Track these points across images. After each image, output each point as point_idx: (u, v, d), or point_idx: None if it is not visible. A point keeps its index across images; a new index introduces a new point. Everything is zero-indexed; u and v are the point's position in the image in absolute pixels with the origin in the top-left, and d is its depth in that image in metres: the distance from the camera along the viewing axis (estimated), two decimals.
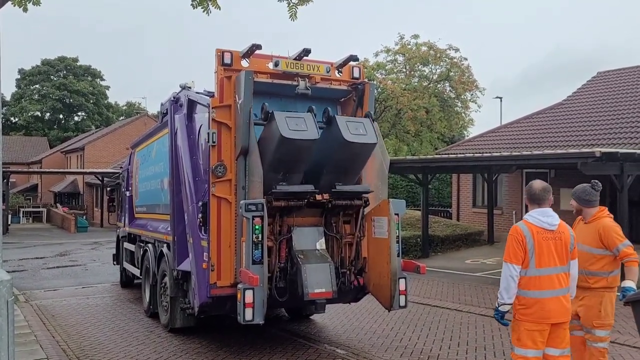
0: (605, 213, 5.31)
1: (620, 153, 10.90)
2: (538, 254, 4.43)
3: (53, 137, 63.44)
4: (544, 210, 4.57)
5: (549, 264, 4.45)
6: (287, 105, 7.62)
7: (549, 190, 4.63)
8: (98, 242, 25.50)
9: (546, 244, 4.46)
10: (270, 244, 6.58)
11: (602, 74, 22.60)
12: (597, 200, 5.33)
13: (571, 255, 4.59)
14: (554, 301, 4.41)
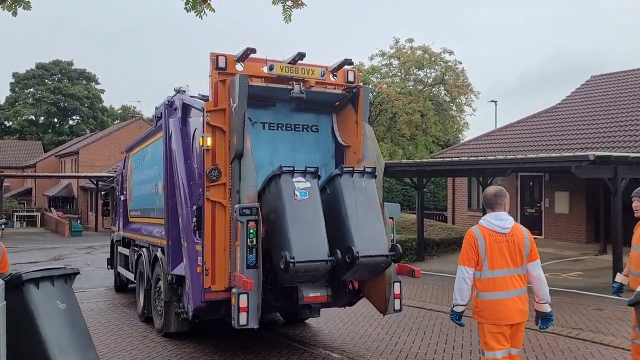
0: None
1: (614, 156, 10.94)
2: (490, 256, 4.54)
3: (47, 141, 63.21)
4: (497, 214, 4.67)
5: (502, 266, 4.55)
6: (281, 109, 7.64)
7: (501, 194, 4.73)
8: (92, 246, 25.40)
9: (498, 246, 4.57)
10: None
11: (596, 78, 22.73)
12: None
13: (528, 258, 4.63)
14: (509, 302, 4.51)
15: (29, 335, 5.25)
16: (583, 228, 17.74)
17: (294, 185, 6.33)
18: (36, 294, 5.34)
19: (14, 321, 5.31)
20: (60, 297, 5.55)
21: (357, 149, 7.47)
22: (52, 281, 5.51)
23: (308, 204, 6.32)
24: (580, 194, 17.74)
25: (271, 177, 6.48)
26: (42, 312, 5.31)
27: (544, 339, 7.84)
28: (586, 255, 15.79)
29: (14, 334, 5.27)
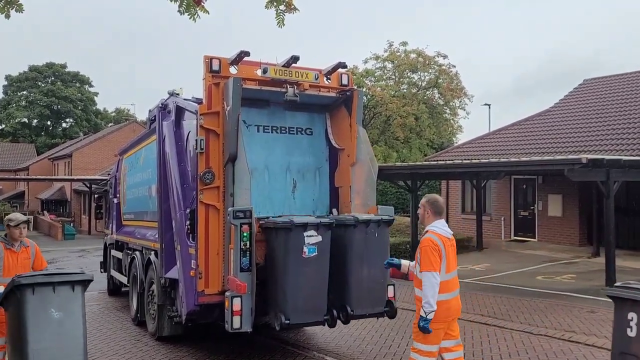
0: None
1: (606, 160, 11.00)
2: (447, 260, 4.95)
3: (41, 143, 62.94)
4: (443, 222, 5.19)
5: (453, 268, 5.03)
6: (275, 112, 7.64)
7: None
8: (85, 249, 25.29)
9: (450, 250, 5.02)
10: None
11: (589, 82, 22.86)
12: None
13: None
14: (457, 300, 5.05)
15: (18, 342, 5.19)
16: (576, 231, 17.81)
17: (304, 240, 5.95)
18: (30, 300, 5.18)
19: (10, 326, 5.33)
20: (59, 304, 5.31)
21: (351, 152, 7.49)
22: (53, 287, 5.31)
23: (315, 261, 6.00)
24: (573, 196, 17.82)
25: (281, 227, 6.04)
26: (32, 319, 5.15)
27: (537, 342, 7.87)
28: (579, 257, 15.86)
29: (11, 340, 5.30)
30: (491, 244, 18.82)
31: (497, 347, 7.68)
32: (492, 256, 16.48)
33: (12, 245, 5.98)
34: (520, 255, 16.57)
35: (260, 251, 6.40)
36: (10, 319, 5.38)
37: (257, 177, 7.26)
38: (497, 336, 8.27)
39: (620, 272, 11.48)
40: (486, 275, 13.60)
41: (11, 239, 6.01)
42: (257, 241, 6.32)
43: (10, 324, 5.39)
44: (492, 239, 19.60)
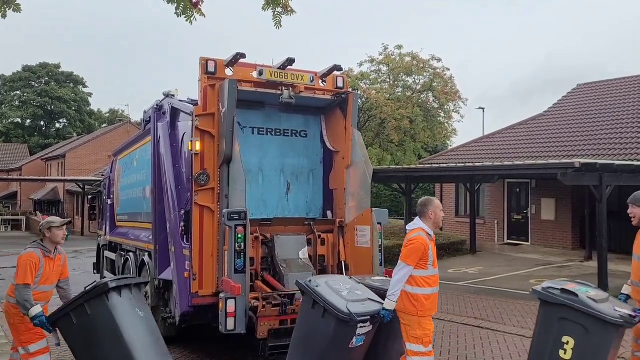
0: None
1: (599, 164, 11.06)
2: (433, 256, 5.13)
3: (34, 144, 62.61)
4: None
5: (437, 265, 5.19)
6: (270, 114, 7.66)
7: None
8: (78, 250, 25.14)
9: (434, 247, 5.20)
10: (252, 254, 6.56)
11: (582, 86, 23.01)
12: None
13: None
14: (437, 296, 5.21)
15: (115, 344, 5.12)
16: (569, 234, 17.91)
17: (356, 332, 5.14)
18: (119, 302, 5.26)
19: (98, 330, 5.18)
20: (138, 304, 5.52)
21: (345, 155, 7.51)
22: (131, 289, 5.47)
23: (358, 350, 5.31)
24: (566, 200, 17.91)
25: (338, 319, 5.05)
26: (126, 320, 5.23)
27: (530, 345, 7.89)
28: (572, 261, 15.93)
29: (99, 344, 5.15)
30: (485, 247, 18.89)
31: (490, 351, 7.71)
32: (486, 259, 16.52)
33: (49, 251, 5.62)
34: (514, 258, 16.63)
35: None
36: (89, 322, 5.18)
37: (251, 179, 7.27)
38: (490, 339, 8.29)
39: (612, 276, 11.54)
40: (479, 278, 13.64)
41: (52, 243, 5.64)
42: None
43: (88, 327, 5.19)
44: (486, 242, 19.67)
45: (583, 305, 4.68)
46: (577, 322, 4.72)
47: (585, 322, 4.67)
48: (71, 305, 5.32)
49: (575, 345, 4.72)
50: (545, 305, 4.98)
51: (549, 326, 4.91)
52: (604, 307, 4.68)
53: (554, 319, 4.87)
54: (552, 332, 4.86)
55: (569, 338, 4.75)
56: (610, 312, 4.63)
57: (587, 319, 4.66)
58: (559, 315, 4.83)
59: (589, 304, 4.67)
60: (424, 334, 5.00)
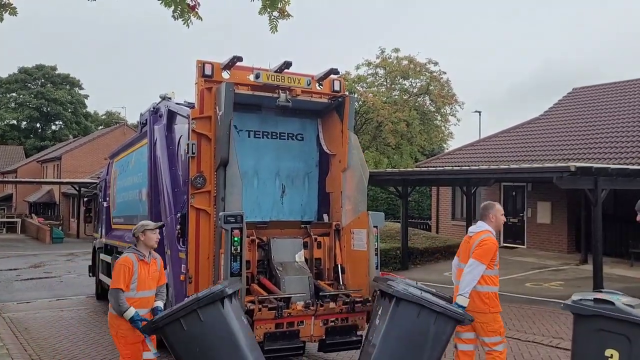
0: None
1: (594, 168, 11.10)
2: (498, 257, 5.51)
3: (29, 146, 62.44)
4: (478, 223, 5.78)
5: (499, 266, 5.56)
6: (267, 117, 7.67)
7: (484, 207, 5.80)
8: (74, 253, 25.07)
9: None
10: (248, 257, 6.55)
11: (578, 90, 23.11)
12: None
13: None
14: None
15: (232, 352, 5.01)
16: (564, 238, 17.96)
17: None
18: (231, 309, 5.19)
19: (212, 337, 4.97)
20: (240, 311, 5.56)
21: (342, 158, 7.51)
22: (231, 297, 5.41)
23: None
24: (561, 204, 17.97)
25: (456, 320, 5.17)
26: (237, 326, 5.15)
27: (525, 348, 7.91)
28: (567, 265, 15.97)
29: (214, 352, 4.97)
30: None
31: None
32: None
33: (143, 256, 5.50)
34: (509, 261, 16.66)
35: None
36: (202, 329, 4.97)
37: (246, 182, 7.27)
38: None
39: (607, 280, 11.58)
40: None
41: (146, 247, 5.53)
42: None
43: (201, 334, 4.97)
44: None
45: (622, 312, 4.39)
46: (619, 332, 4.41)
47: (628, 331, 4.36)
48: (181, 310, 4.98)
49: (620, 357, 4.39)
50: (580, 319, 4.68)
51: (588, 340, 4.59)
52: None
53: (592, 332, 4.57)
54: (592, 346, 4.56)
55: (612, 351, 4.43)
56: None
57: (629, 328, 4.35)
58: (597, 327, 4.54)
59: (628, 310, 4.39)
60: (500, 326, 5.40)
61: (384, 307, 5.28)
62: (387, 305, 5.18)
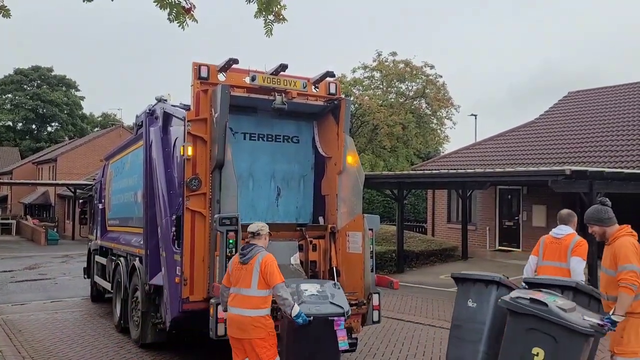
0: (626, 231, 5.08)
1: (589, 171, 11.14)
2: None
3: (25, 147, 62.21)
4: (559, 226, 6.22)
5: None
6: (262, 120, 7.67)
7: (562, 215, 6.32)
8: (69, 255, 24.98)
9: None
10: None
11: (573, 94, 23.20)
12: (614, 217, 5.19)
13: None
14: None
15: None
16: None
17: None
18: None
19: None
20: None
21: (337, 161, 7.52)
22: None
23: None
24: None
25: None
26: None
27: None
28: None
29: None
30: (476, 253, 18.94)
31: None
32: (477, 265, 16.56)
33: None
34: (505, 265, 16.68)
35: None
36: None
37: (241, 184, 7.27)
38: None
39: None
40: None
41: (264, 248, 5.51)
42: None
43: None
44: (477, 248, 19.73)
45: (553, 315, 4.57)
46: (547, 333, 4.61)
47: (555, 332, 4.56)
48: None
49: (545, 357, 4.60)
50: (514, 316, 4.88)
51: (518, 337, 4.80)
52: (573, 316, 4.58)
53: (523, 329, 4.77)
54: (521, 343, 4.77)
55: (539, 349, 4.64)
56: (580, 322, 4.54)
57: (557, 329, 4.55)
58: (529, 325, 4.73)
59: (559, 313, 4.56)
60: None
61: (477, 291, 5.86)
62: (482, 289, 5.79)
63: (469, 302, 5.83)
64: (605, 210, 5.17)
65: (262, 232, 5.48)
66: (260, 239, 5.45)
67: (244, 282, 5.25)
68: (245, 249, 5.39)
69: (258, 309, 5.19)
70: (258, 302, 5.20)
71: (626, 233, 5.03)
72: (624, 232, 5.04)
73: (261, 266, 5.20)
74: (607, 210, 5.17)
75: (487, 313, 5.62)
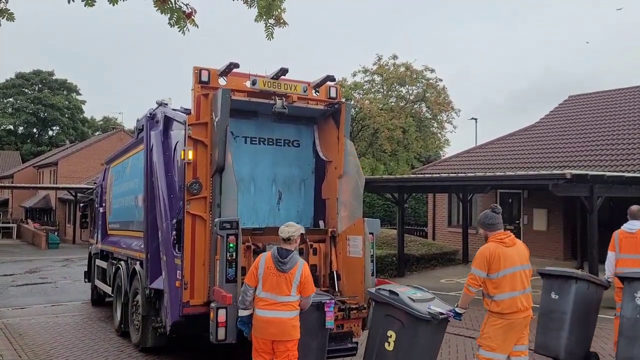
0: (497, 238, 5.43)
1: (590, 175, 11.14)
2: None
3: (26, 151, 62.27)
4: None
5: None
6: (263, 124, 7.68)
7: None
8: (69, 259, 24.98)
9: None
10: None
11: (573, 98, 23.20)
12: (500, 223, 5.52)
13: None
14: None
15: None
16: (560, 245, 17.97)
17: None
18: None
19: None
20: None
21: (338, 164, 7.53)
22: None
23: None
24: (557, 211, 18.00)
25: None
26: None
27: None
28: None
29: None
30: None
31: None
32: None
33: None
34: None
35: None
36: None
37: (242, 188, 7.28)
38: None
39: None
40: None
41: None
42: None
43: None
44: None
45: (401, 303, 5.49)
46: (397, 318, 5.50)
47: (402, 317, 5.46)
48: None
49: (396, 339, 5.49)
50: (377, 305, 5.80)
51: (379, 322, 5.69)
52: (418, 305, 5.45)
53: (382, 315, 5.65)
54: (380, 327, 5.64)
55: (392, 332, 5.53)
56: (421, 309, 5.38)
57: (403, 315, 5.45)
58: (386, 312, 5.61)
59: (407, 302, 5.48)
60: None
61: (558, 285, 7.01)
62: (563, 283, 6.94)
63: (552, 294, 6.96)
64: (492, 217, 5.50)
65: (293, 237, 5.42)
66: (292, 243, 5.43)
67: (282, 290, 5.27)
68: (284, 257, 5.32)
69: (294, 311, 5.32)
70: (295, 305, 5.32)
71: (493, 240, 5.41)
72: (493, 239, 5.43)
73: (301, 277, 5.28)
74: (493, 217, 5.49)
75: (569, 304, 6.77)
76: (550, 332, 6.86)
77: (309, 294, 5.28)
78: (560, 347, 6.81)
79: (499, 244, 5.36)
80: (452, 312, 5.46)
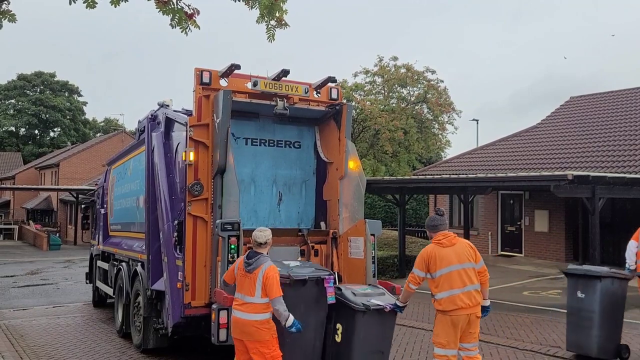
0: (435, 239, 5.58)
1: (591, 176, 11.12)
2: None
3: (27, 152, 62.36)
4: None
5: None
6: (264, 125, 7.69)
7: None
8: (71, 260, 25.00)
9: None
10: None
11: (575, 99, 23.19)
12: (442, 225, 5.63)
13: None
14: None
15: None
16: (562, 246, 17.95)
17: None
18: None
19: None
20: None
21: (339, 166, 7.53)
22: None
23: None
24: (559, 212, 17.98)
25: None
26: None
27: (523, 357, 7.89)
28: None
29: None
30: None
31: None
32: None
33: None
34: (507, 270, 16.65)
35: None
36: None
37: (243, 189, 7.28)
38: (483, 351, 8.27)
39: None
40: None
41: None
42: None
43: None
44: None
45: (343, 298, 6.01)
46: (342, 312, 6.01)
47: (345, 310, 5.97)
48: None
49: (343, 330, 6.00)
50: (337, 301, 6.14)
51: (331, 316, 6.12)
52: (358, 299, 5.96)
53: (334, 311, 6.09)
54: (334, 320, 6.09)
55: (339, 324, 6.05)
56: (357, 302, 5.90)
57: (346, 309, 5.96)
58: (333, 307, 6.04)
59: (347, 296, 6.02)
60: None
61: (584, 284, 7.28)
62: (588, 282, 7.22)
63: (578, 293, 7.25)
64: (434, 219, 5.68)
65: (268, 241, 5.52)
66: (265, 247, 5.49)
67: (248, 290, 5.32)
68: (250, 258, 5.39)
69: (261, 314, 5.29)
70: (261, 307, 5.29)
71: (433, 242, 5.62)
72: (433, 240, 5.62)
73: (263, 278, 5.26)
74: (436, 219, 5.67)
75: (596, 302, 7.08)
76: (581, 330, 7.20)
77: (273, 296, 5.22)
78: (592, 345, 7.15)
79: (435, 245, 5.55)
80: (394, 305, 5.91)
